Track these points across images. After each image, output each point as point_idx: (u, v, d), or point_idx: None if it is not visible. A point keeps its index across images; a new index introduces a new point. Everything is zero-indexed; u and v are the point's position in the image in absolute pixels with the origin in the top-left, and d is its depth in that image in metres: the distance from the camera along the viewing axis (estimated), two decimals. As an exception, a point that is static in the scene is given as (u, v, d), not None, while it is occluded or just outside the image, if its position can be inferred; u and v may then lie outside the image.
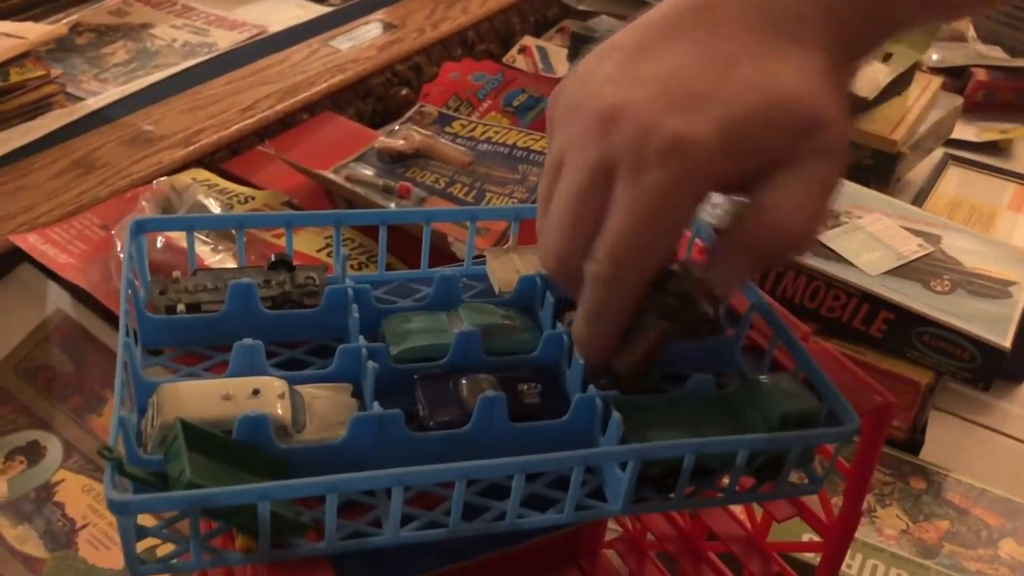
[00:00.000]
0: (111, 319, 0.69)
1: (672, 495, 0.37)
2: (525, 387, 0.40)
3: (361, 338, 0.39)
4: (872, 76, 0.83)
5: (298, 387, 0.38)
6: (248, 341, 0.38)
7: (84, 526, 0.60)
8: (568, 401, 0.39)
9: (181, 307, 0.41)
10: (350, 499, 0.35)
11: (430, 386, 0.39)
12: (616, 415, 0.36)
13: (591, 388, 0.38)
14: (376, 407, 0.36)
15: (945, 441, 0.64)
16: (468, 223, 0.46)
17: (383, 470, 0.33)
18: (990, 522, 0.59)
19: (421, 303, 0.44)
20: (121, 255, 0.71)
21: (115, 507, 0.30)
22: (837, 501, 0.42)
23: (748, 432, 0.37)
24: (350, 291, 0.41)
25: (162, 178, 0.77)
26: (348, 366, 0.39)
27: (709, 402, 0.39)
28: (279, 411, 0.36)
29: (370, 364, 0.38)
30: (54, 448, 0.64)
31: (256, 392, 0.36)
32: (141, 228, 0.42)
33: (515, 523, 0.35)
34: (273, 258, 0.43)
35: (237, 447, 0.34)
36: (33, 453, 0.64)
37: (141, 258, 0.41)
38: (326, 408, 0.37)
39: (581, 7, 0.92)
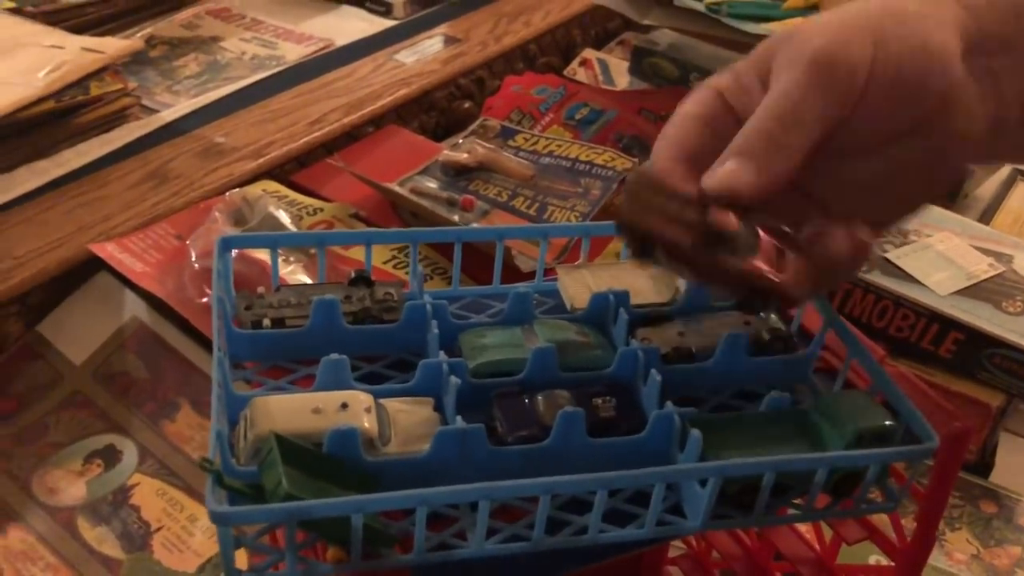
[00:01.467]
0: (185, 327, 0.71)
1: (750, 512, 0.37)
2: (600, 401, 0.40)
3: (441, 353, 0.40)
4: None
5: (382, 401, 0.39)
6: (335, 356, 0.39)
7: (159, 529, 0.62)
8: (643, 415, 0.40)
9: (267, 322, 0.42)
10: (434, 512, 0.36)
11: (507, 403, 0.40)
12: (696, 432, 0.36)
13: (668, 404, 0.38)
14: (459, 421, 0.37)
15: (1016, 464, 0.64)
16: (537, 239, 0.47)
17: (471, 484, 0.34)
18: (1063, 548, 0.59)
19: (495, 319, 0.45)
20: (196, 264, 0.73)
21: (217, 518, 0.31)
22: (907, 524, 0.42)
23: (823, 449, 0.37)
24: (428, 307, 0.42)
25: (234, 190, 0.79)
26: (429, 380, 0.40)
27: (784, 419, 0.39)
28: (367, 425, 0.37)
29: (452, 379, 0.38)
30: (129, 452, 0.66)
31: (344, 406, 0.37)
32: (228, 246, 0.43)
33: (596, 537, 0.36)
34: (353, 274, 0.44)
35: (328, 460, 0.35)
36: (110, 457, 0.66)
37: (227, 274, 0.43)
38: (409, 422, 0.38)
39: (645, 22, 0.93)
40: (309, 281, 0.68)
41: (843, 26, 0.36)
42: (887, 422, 0.37)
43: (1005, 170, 0.93)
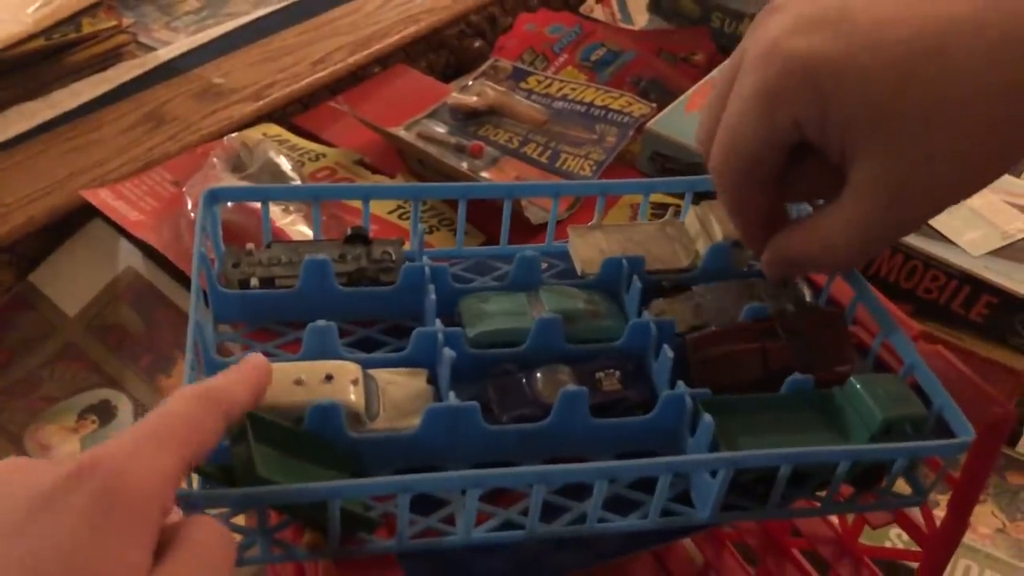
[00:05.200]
0: (182, 278, 0.68)
1: (764, 503, 0.35)
2: (603, 374, 0.37)
3: (438, 321, 0.37)
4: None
5: (372, 371, 0.36)
6: (321, 323, 0.36)
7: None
8: (652, 390, 0.37)
9: (255, 281, 0.39)
10: (424, 492, 0.33)
11: (502, 383, 0.37)
12: (708, 418, 0.33)
13: (680, 384, 0.35)
14: (452, 398, 0.34)
15: (1046, 434, 0.61)
16: (551, 198, 0.44)
17: (457, 472, 0.31)
18: (1093, 523, 0.56)
19: (501, 282, 0.42)
20: (192, 213, 0.70)
21: (182, 502, 0.29)
22: (937, 507, 0.39)
23: (847, 437, 0.35)
24: (427, 270, 0.39)
25: (232, 134, 0.75)
26: (423, 350, 0.37)
27: (806, 403, 0.36)
28: (352, 398, 0.34)
29: (446, 351, 0.36)
30: (124, 408, 0.64)
31: (329, 377, 0.34)
32: (215, 198, 0.40)
33: (595, 527, 0.33)
34: (349, 231, 0.41)
35: (307, 437, 0.33)
36: (104, 412, 0.64)
37: (215, 229, 0.40)
38: (400, 395, 0.36)
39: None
40: (309, 232, 0.65)
41: None
42: (918, 411, 0.34)
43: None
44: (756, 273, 0.42)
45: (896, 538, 0.54)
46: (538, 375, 0.37)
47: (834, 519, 0.46)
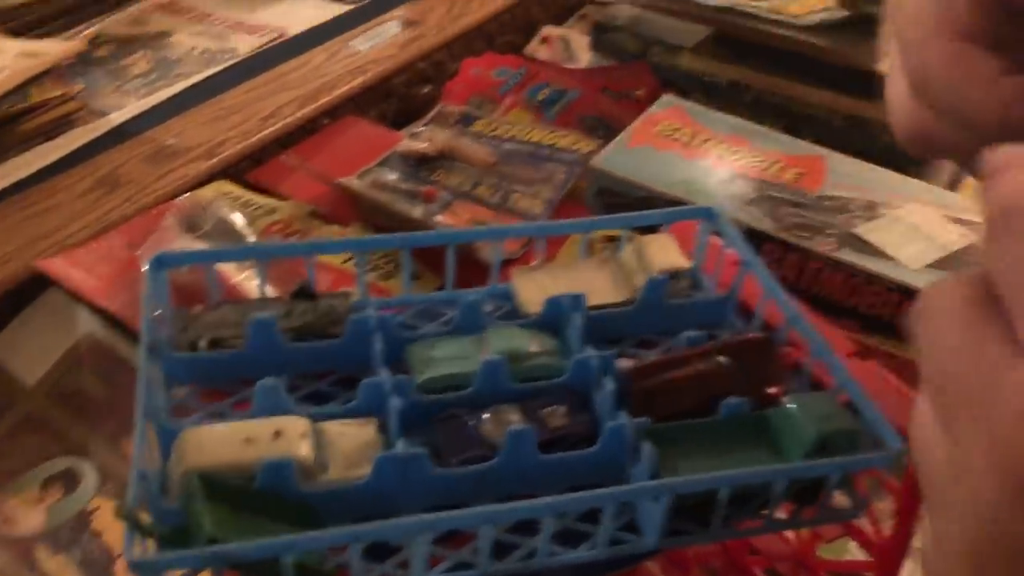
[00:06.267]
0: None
1: (710, 527, 0.36)
2: (549, 411, 0.39)
3: (385, 371, 0.38)
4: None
5: (322, 424, 0.37)
6: (269, 381, 0.37)
7: (121, 555, 0.60)
8: (596, 422, 0.38)
9: (203, 343, 0.40)
10: (374, 543, 0.34)
11: (448, 426, 0.38)
12: (648, 447, 0.34)
13: (621, 415, 0.37)
14: (401, 445, 0.35)
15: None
16: (493, 240, 0.45)
17: (407, 518, 0.32)
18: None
19: (447, 327, 0.43)
20: (148, 275, 0.70)
21: (136, 567, 0.29)
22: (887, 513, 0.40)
23: (784, 456, 0.36)
24: (373, 320, 0.40)
25: (186, 194, 0.76)
26: (372, 400, 0.38)
27: (743, 426, 0.37)
28: (302, 452, 0.35)
29: (393, 400, 0.37)
30: (90, 475, 0.64)
31: (278, 434, 0.35)
32: (161, 264, 0.41)
33: (546, 561, 0.34)
34: (296, 287, 0.42)
35: (259, 494, 0.33)
36: (69, 480, 0.64)
37: (161, 295, 0.41)
38: (350, 445, 0.37)
39: (608, -2, 0.91)
40: (266, 288, 0.66)
41: None
42: (851, 425, 0.35)
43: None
44: (694, 304, 0.44)
45: (857, 550, 0.55)
46: (485, 417, 0.38)
47: (791, 535, 0.47)
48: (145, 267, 0.69)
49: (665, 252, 0.44)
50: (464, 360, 0.40)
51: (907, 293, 0.62)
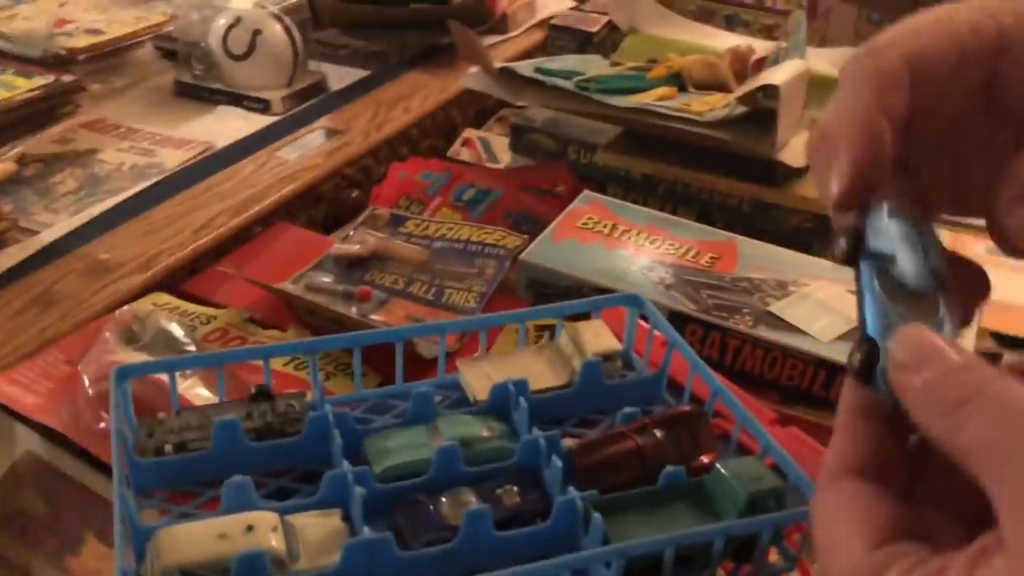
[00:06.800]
0: (84, 457, 0.69)
1: (659, 587, 0.38)
2: (502, 491, 0.41)
3: (346, 463, 0.41)
4: (801, 146, 0.87)
5: (290, 517, 0.39)
6: (238, 478, 0.39)
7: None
8: (547, 498, 0.41)
9: (169, 448, 0.42)
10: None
11: (409, 510, 0.40)
12: (597, 517, 0.37)
13: (570, 490, 0.39)
14: (366, 532, 0.37)
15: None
16: (439, 336, 0.48)
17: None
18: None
19: (400, 419, 0.45)
20: (89, 390, 0.71)
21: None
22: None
23: (719, 517, 0.39)
24: (331, 417, 0.43)
25: (123, 307, 0.78)
26: (335, 492, 0.40)
27: (681, 493, 0.40)
28: (274, 544, 0.37)
29: (356, 489, 0.39)
30: (34, 594, 0.63)
31: (250, 528, 0.37)
32: (124, 375, 0.43)
33: (511, 632, 0.37)
34: (253, 390, 0.44)
35: (235, 587, 0.35)
36: (14, 601, 0.63)
37: (126, 405, 0.43)
38: (318, 536, 0.39)
39: (519, 103, 0.96)
40: (207, 394, 0.67)
41: None
42: (777, 485, 0.39)
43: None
44: (628, 383, 0.47)
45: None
46: (443, 500, 0.40)
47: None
48: (94, 377, 0.70)
49: (598, 337, 0.48)
50: (419, 448, 0.43)
51: (821, 364, 0.66)
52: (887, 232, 0.29)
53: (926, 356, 0.26)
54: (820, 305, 0.71)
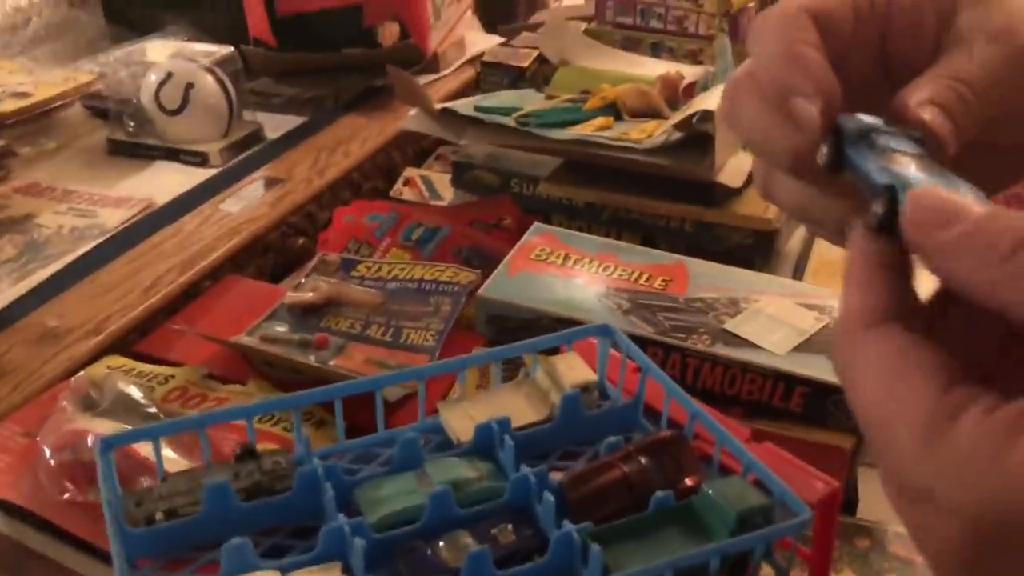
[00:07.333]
0: (48, 529, 0.68)
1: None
2: (497, 530, 0.42)
3: (341, 515, 0.41)
4: (738, 166, 0.90)
5: (290, 575, 0.39)
6: (236, 540, 0.39)
7: None
8: (542, 534, 0.42)
9: (159, 515, 0.41)
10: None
11: (411, 558, 0.41)
12: (595, 548, 0.38)
13: (566, 523, 0.40)
14: (371, 582, 0.38)
15: (877, 495, 0.68)
16: (417, 381, 0.49)
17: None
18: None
19: (387, 466, 0.46)
20: (51, 461, 0.70)
21: None
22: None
23: (711, 537, 0.40)
24: (320, 470, 0.43)
25: (79, 374, 0.76)
26: (333, 545, 0.41)
27: (671, 517, 0.42)
28: (280, 605, 0.37)
29: (356, 541, 0.39)
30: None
31: (254, 590, 0.37)
32: (108, 445, 0.43)
33: (522, 670, 0.37)
34: (239, 450, 0.44)
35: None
36: None
37: (111, 475, 0.42)
38: (321, 592, 0.39)
39: (462, 142, 0.97)
40: (175, 456, 0.66)
41: None
42: (763, 501, 0.41)
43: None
44: (607, 412, 0.48)
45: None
46: (441, 544, 0.41)
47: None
48: (55, 448, 0.69)
49: (573, 369, 0.49)
50: (411, 495, 0.43)
51: (779, 377, 0.69)
52: (859, 123, 0.30)
53: (951, 211, 0.26)
54: (772, 319, 0.73)
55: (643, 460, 0.43)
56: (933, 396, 0.25)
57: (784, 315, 0.73)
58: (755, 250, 0.92)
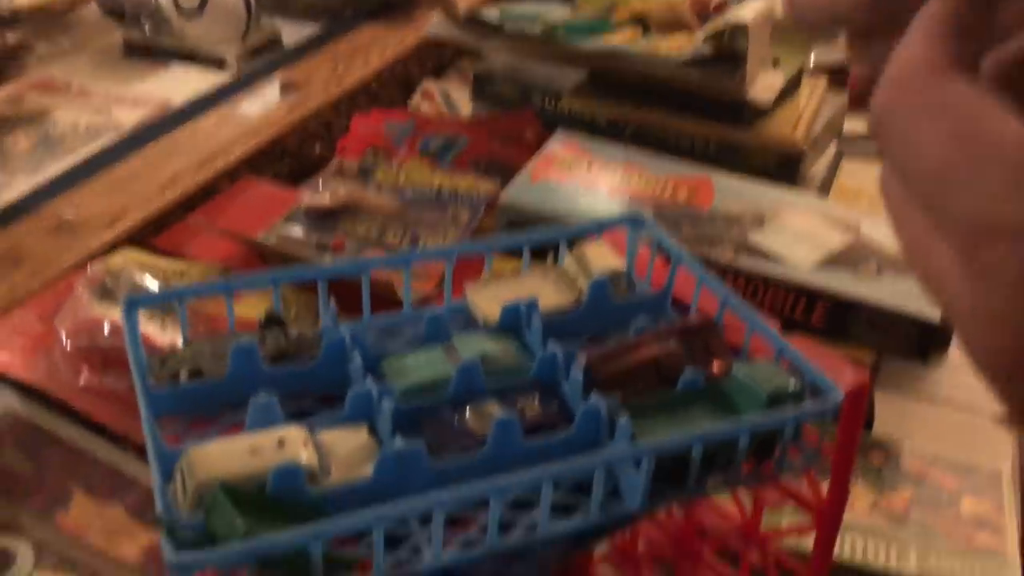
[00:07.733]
0: (64, 411, 0.68)
1: (682, 487, 0.39)
2: (523, 403, 0.42)
3: (369, 378, 0.41)
4: (768, 83, 0.88)
5: (318, 433, 0.39)
6: (263, 397, 0.39)
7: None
8: (568, 409, 0.41)
9: (184, 375, 0.41)
10: (386, 534, 0.36)
11: (434, 427, 0.40)
12: (625, 418, 0.38)
13: (593, 396, 0.40)
14: (399, 441, 0.37)
15: (891, 415, 0.69)
16: (401, 267, 0.48)
17: (423, 495, 0.34)
18: (947, 484, 0.64)
19: (411, 345, 0.45)
20: (67, 345, 0.70)
21: (177, 568, 0.31)
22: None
23: (741, 418, 0.40)
24: (348, 338, 0.43)
25: (96, 263, 0.76)
26: (360, 409, 0.40)
27: (700, 396, 0.41)
28: (306, 459, 0.37)
29: (385, 402, 0.39)
30: (24, 552, 0.62)
31: (281, 443, 0.37)
32: (133, 305, 0.42)
33: (549, 531, 0.37)
34: (264, 317, 0.44)
35: (272, 500, 0.35)
36: (3, 561, 0.62)
37: (136, 335, 0.42)
38: (347, 450, 0.39)
39: (486, 49, 0.96)
40: (173, 336, 0.66)
41: None
42: (793, 384, 0.40)
43: (831, 150, 1.00)
44: (635, 301, 0.48)
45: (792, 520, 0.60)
46: (468, 413, 0.40)
47: (736, 511, 0.51)
48: (71, 332, 0.69)
49: (603, 257, 0.48)
50: (439, 366, 0.43)
51: (802, 291, 0.68)
52: None
53: None
54: (797, 234, 0.72)
55: (673, 343, 0.43)
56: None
57: (809, 230, 0.72)
58: (779, 173, 0.91)
